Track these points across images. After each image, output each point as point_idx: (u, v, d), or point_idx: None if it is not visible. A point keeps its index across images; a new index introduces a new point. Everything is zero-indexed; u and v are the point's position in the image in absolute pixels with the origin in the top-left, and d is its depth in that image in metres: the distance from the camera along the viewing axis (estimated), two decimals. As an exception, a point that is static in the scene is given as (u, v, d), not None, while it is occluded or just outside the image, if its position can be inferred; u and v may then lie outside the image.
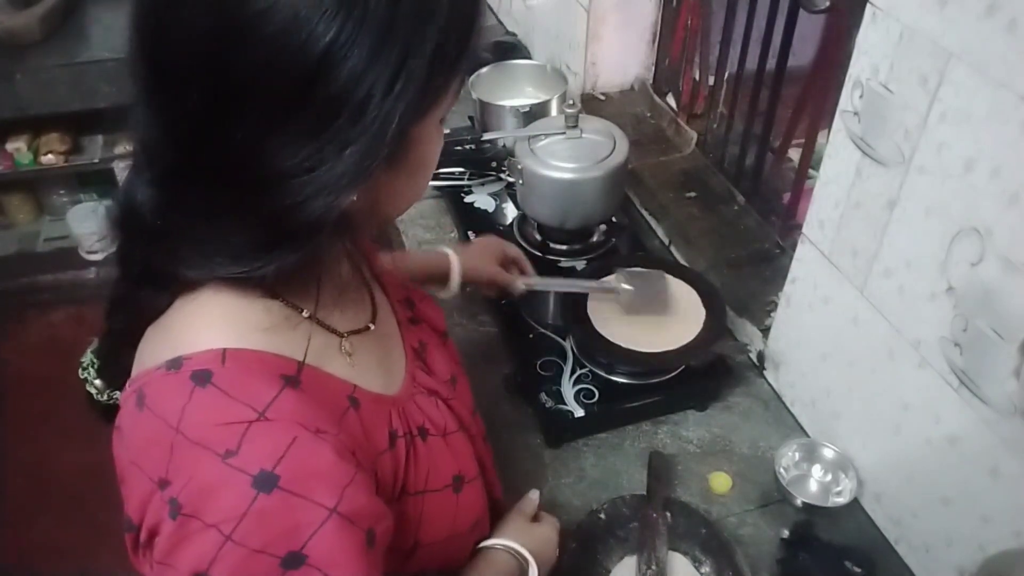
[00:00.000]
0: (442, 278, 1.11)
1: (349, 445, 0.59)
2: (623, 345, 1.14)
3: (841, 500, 1.05)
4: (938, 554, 0.94)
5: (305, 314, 0.63)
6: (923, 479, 0.94)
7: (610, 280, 1.20)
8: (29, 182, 2.62)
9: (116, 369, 0.64)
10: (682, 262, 1.41)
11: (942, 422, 0.89)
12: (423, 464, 0.69)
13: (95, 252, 2.59)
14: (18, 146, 2.38)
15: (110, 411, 0.62)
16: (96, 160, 2.49)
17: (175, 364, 0.56)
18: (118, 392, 0.62)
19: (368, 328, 0.71)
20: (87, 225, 2.54)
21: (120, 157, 2.49)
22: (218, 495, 0.52)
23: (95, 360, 0.67)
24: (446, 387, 0.79)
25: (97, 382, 0.67)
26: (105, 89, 2.23)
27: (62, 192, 2.70)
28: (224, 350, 0.57)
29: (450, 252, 1.12)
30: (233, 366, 0.56)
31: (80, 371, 0.67)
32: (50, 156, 2.42)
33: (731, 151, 1.56)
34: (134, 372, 0.61)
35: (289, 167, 0.52)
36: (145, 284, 0.61)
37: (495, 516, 0.87)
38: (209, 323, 0.58)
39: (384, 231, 1.26)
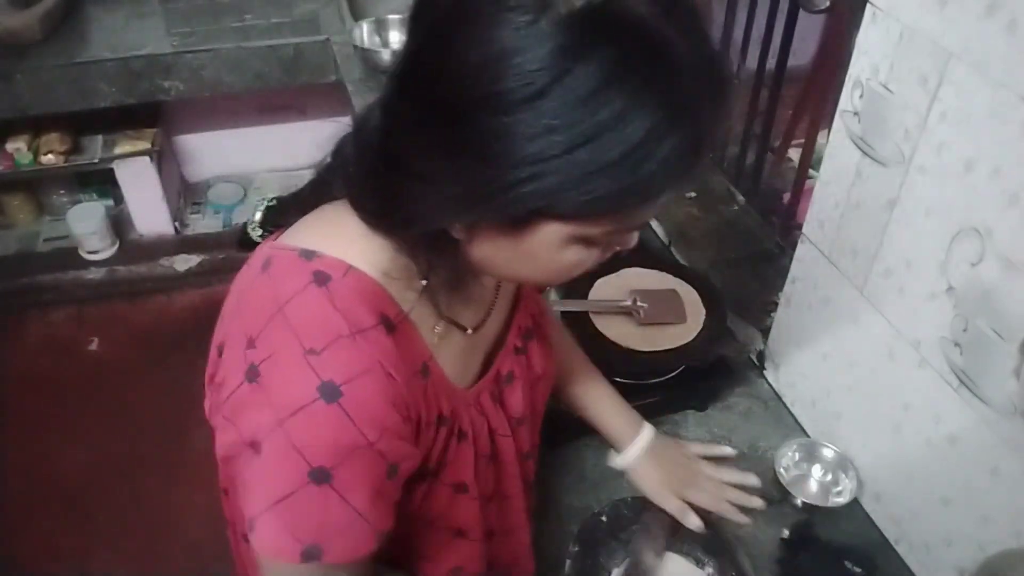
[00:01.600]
0: (609, 437, 1.03)
1: (408, 400, 0.62)
2: (623, 345, 1.14)
3: (841, 500, 1.05)
4: (938, 554, 0.94)
5: (422, 282, 0.65)
6: (923, 479, 0.94)
7: (626, 301, 1.19)
8: (29, 182, 2.62)
9: (276, 219, 0.71)
10: (682, 262, 1.41)
11: (942, 422, 0.89)
12: (448, 457, 0.71)
13: (95, 252, 2.59)
14: (18, 146, 2.38)
15: (247, 244, 0.72)
16: (96, 160, 2.48)
17: (307, 255, 0.61)
18: (260, 231, 0.72)
19: (465, 330, 0.73)
20: (87, 225, 2.54)
21: (120, 157, 2.49)
22: (287, 381, 0.57)
23: (275, 202, 0.75)
24: (506, 424, 0.79)
25: (258, 216, 0.74)
26: (105, 89, 2.22)
27: (62, 192, 2.70)
28: (350, 266, 0.61)
29: (644, 437, 1.01)
30: (349, 283, 0.61)
31: (258, 200, 0.75)
32: (50, 156, 2.42)
33: (731, 151, 1.56)
34: (280, 237, 0.66)
35: (414, 166, 0.56)
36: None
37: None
38: (352, 239, 0.63)
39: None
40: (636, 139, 0.50)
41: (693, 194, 1.54)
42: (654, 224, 1.53)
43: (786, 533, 1.01)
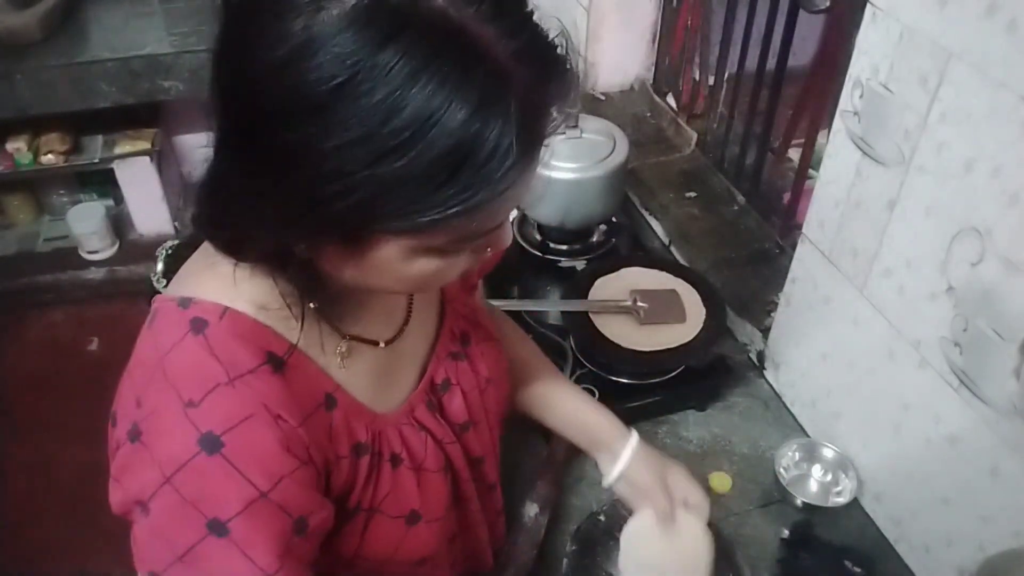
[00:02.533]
0: (592, 447, 0.92)
1: (305, 440, 0.59)
2: (623, 345, 1.14)
3: (841, 500, 1.05)
4: (938, 554, 0.94)
5: (312, 306, 0.62)
6: (923, 479, 0.94)
7: (626, 301, 1.19)
8: (29, 182, 2.62)
9: (174, 264, 0.67)
10: (682, 262, 1.41)
11: (942, 422, 0.89)
12: (384, 487, 0.68)
13: (95, 252, 2.59)
14: (18, 146, 2.37)
15: (154, 295, 0.67)
16: (96, 160, 2.48)
17: (185, 303, 0.59)
18: (164, 282, 0.68)
19: (377, 344, 0.70)
20: (87, 225, 2.53)
21: (120, 157, 2.49)
22: (168, 437, 0.55)
23: (172, 249, 0.74)
24: (449, 432, 0.76)
25: (159, 266, 0.74)
26: (105, 89, 2.22)
27: (62, 192, 2.69)
28: (226, 308, 0.58)
29: (631, 442, 0.89)
30: (227, 326, 0.58)
31: (158, 249, 0.74)
32: (50, 156, 2.41)
33: (731, 151, 1.56)
34: (167, 289, 0.64)
35: (229, 184, 0.53)
36: None
37: (479, 565, 0.88)
38: (227, 277, 0.59)
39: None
40: (446, 143, 0.45)
41: (693, 194, 1.54)
42: (654, 224, 1.53)
43: (786, 533, 1.01)
